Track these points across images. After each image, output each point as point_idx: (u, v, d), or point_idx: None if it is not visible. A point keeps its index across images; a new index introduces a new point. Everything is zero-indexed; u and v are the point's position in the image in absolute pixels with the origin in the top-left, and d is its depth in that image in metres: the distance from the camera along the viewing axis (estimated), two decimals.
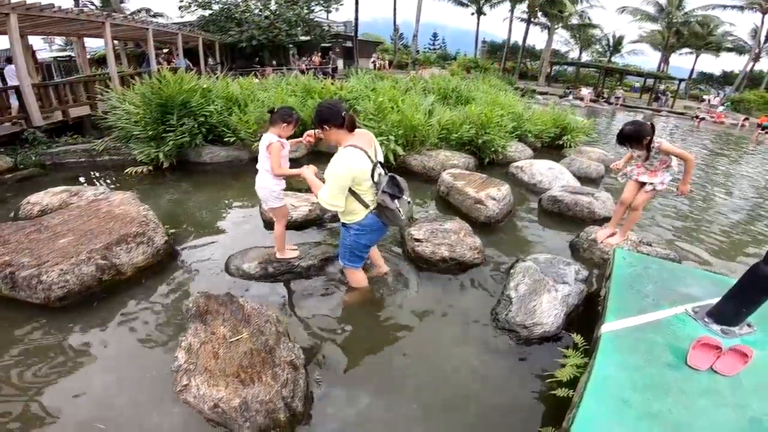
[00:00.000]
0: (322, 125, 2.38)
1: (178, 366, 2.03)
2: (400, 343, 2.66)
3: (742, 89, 27.32)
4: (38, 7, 7.41)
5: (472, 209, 4.31)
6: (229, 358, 2.09)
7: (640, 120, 3.68)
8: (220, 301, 2.48)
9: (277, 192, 2.99)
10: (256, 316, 2.38)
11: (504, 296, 2.90)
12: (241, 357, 2.10)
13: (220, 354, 2.12)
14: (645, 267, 2.99)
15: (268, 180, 2.92)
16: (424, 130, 6.07)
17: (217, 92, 6.80)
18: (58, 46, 29.95)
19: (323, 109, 2.37)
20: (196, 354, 2.10)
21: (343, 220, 2.62)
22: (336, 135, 2.40)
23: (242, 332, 2.25)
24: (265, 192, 2.99)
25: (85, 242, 3.16)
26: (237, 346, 2.17)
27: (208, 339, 2.20)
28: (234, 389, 1.94)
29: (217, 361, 2.08)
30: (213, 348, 2.15)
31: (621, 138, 3.43)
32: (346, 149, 2.36)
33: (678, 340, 2.23)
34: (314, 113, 2.44)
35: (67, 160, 6.87)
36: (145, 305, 2.95)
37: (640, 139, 3.31)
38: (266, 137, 2.84)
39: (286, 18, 19.59)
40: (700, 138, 14.08)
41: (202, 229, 4.18)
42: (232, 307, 2.43)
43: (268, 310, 2.46)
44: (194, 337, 2.20)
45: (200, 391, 1.93)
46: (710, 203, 6.15)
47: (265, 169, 2.90)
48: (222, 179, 5.83)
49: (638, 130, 3.31)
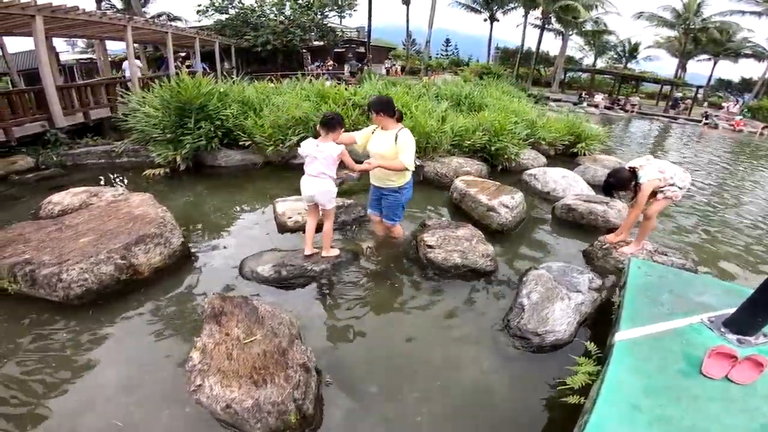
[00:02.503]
0: (380, 112, 3.18)
1: (192, 366, 2.05)
2: (410, 349, 2.67)
3: (761, 96, 26.70)
4: (64, 10, 7.63)
5: (485, 216, 4.30)
6: (243, 360, 2.11)
7: (619, 167, 3.82)
8: (234, 302, 2.50)
9: (335, 192, 3.30)
10: (269, 318, 2.40)
11: (516, 303, 2.89)
12: (254, 358, 2.12)
13: (234, 355, 2.13)
14: (660, 276, 2.97)
15: (331, 184, 3.19)
16: (437, 136, 6.09)
17: (233, 96, 6.92)
18: (80, 48, 30.72)
19: (386, 99, 3.30)
20: (210, 355, 2.12)
21: (399, 184, 3.40)
22: (387, 121, 3.23)
23: (256, 334, 2.27)
24: (328, 196, 3.23)
25: (104, 242, 3.23)
26: (251, 347, 2.19)
27: (222, 340, 2.22)
28: (247, 390, 1.95)
29: (230, 362, 2.09)
30: (227, 349, 2.17)
31: (608, 189, 3.61)
32: (405, 130, 3.25)
33: (693, 349, 2.22)
34: (376, 100, 3.27)
35: (87, 161, 7.06)
36: (160, 305, 3.00)
37: (625, 186, 3.49)
38: (329, 146, 3.07)
39: (300, 23, 19.84)
40: (715, 146, 13.81)
41: (217, 232, 4.25)
42: (247, 308, 2.46)
43: (281, 313, 2.49)
44: (209, 338, 2.22)
45: (213, 392, 1.95)
46: (727, 213, 6.04)
47: (328, 176, 3.15)
48: (237, 182, 5.92)
49: (620, 179, 3.48)
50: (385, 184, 3.44)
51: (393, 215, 3.59)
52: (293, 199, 4.31)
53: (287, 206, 4.18)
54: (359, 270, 3.46)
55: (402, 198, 3.49)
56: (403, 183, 3.42)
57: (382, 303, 3.10)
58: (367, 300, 3.13)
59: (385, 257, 3.73)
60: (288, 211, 4.11)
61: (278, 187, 5.47)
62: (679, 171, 3.50)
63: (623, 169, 3.57)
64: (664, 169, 3.46)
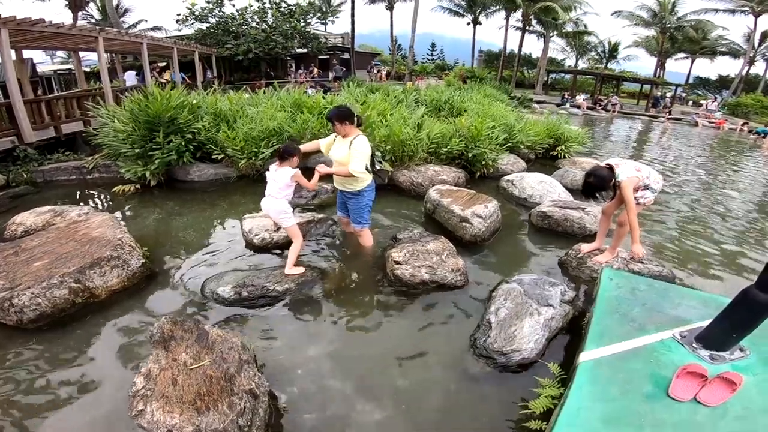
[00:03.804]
0: (343, 121, 3.32)
1: (135, 391, 2.04)
2: (374, 371, 2.58)
3: (738, 93, 27.28)
4: (29, 22, 7.42)
5: (458, 228, 4.22)
6: (188, 385, 2.08)
7: (596, 165, 3.55)
8: (185, 327, 2.46)
9: (289, 213, 3.44)
10: (220, 343, 2.35)
11: (484, 321, 2.81)
12: (199, 384, 2.09)
13: (179, 381, 2.11)
14: (633, 288, 2.91)
15: (282, 204, 3.36)
16: (412, 144, 6.00)
17: (206, 108, 6.78)
18: (60, 58, 30.18)
19: (345, 110, 3.39)
20: (154, 380, 2.09)
21: (359, 188, 3.54)
22: (350, 129, 3.38)
23: (204, 359, 2.24)
24: (280, 215, 3.41)
25: (58, 265, 3.19)
26: (197, 373, 2.16)
27: (169, 365, 2.19)
28: (188, 417, 1.92)
29: (175, 388, 2.06)
30: (172, 374, 2.14)
31: (588, 191, 3.38)
32: (361, 137, 3.40)
33: (661, 369, 2.15)
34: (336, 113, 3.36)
35: (58, 177, 6.87)
36: (115, 328, 2.95)
37: (605, 185, 3.29)
38: (283, 172, 3.29)
39: (282, 30, 19.75)
40: (694, 142, 14.01)
41: (184, 251, 4.12)
42: (197, 333, 2.42)
43: (233, 337, 2.43)
44: (154, 363, 2.20)
45: (155, 417, 1.91)
46: (708, 213, 5.96)
47: (278, 198, 3.34)
48: (209, 198, 5.78)
49: (601, 177, 3.27)
50: (346, 188, 3.62)
51: (359, 217, 3.70)
52: (261, 215, 4.19)
53: (255, 223, 4.06)
54: (324, 289, 3.36)
55: (364, 200, 3.62)
56: (364, 186, 3.56)
57: (345, 324, 3.00)
58: (329, 321, 3.03)
59: (352, 274, 3.64)
60: (255, 228, 3.99)
61: (252, 202, 5.33)
62: (653, 172, 3.41)
63: (601, 167, 3.37)
64: (640, 168, 3.36)
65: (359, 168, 3.33)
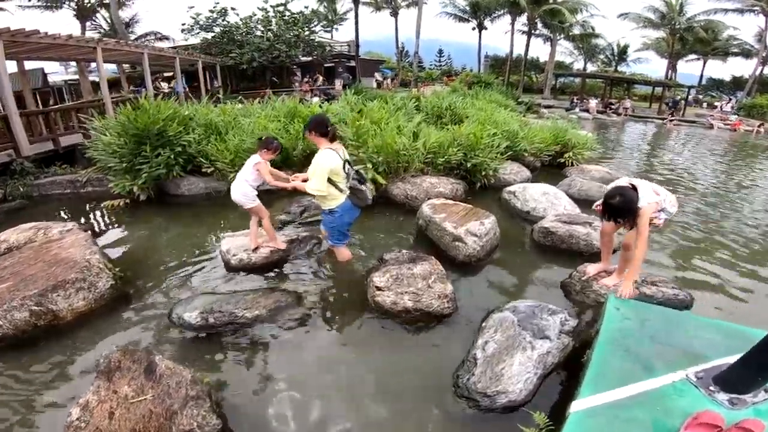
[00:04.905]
0: (310, 131, 3.24)
1: (69, 422, 1.95)
2: (346, 408, 2.35)
3: (753, 94, 26.44)
4: (24, 33, 7.40)
5: (450, 247, 3.93)
6: (125, 420, 1.97)
7: (623, 185, 2.96)
8: (135, 357, 2.30)
9: (251, 196, 3.61)
10: (168, 377, 2.18)
11: (469, 356, 2.52)
12: (137, 420, 1.97)
13: (116, 415, 1.99)
14: (642, 319, 2.58)
15: (245, 187, 3.56)
16: (408, 154, 5.74)
17: (198, 120, 6.63)
18: (74, 68, 30.71)
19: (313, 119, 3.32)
20: (91, 412, 1.99)
21: (328, 207, 3.38)
22: (318, 140, 3.25)
23: (147, 393, 2.10)
24: (242, 198, 3.58)
25: (21, 288, 3.10)
26: (137, 407, 2.03)
27: (108, 397, 2.08)
28: None
29: (110, 422, 1.96)
30: (110, 407, 2.03)
31: (613, 214, 2.84)
32: (324, 150, 3.22)
33: (668, 417, 1.84)
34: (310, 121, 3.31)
35: (52, 191, 6.82)
36: (74, 352, 2.86)
37: (633, 209, 2.76)
38: (254, 157, 3.56)
39: (285, 39, 19.75)
40: (710, 146, 13.46)
41: (163, 271, 3.93)
42: (146, 364, 2.25)
43: (184, 371, 2.24)
44: (94, 395, 2.07)
45: None
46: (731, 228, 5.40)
47: (244, 179, 3.56)
48: (197, 213, 5.60)
49: (630, 199, 2.75)
50: (319, 204, 3.55)
51: (330, 236, 3.64)
52: (242, 234, 3.98)
53: (233, 243, 3.85)
54: (298, 317, 3.10)
55: (335, 221, 3.45)
56: (334, 206, 3.37)
57: (318, 355, 2.75)
58: (301, 351, 2.79)
59: (330, 299, 3.40)
60: (233, 248, 3.77)
61: (240, 218, 5.13)
62: (669, 194, 3.04)
63: (627, 187, 2.86)
64: (659, 191, 2.96)
65: (315, 186, 3.18)
